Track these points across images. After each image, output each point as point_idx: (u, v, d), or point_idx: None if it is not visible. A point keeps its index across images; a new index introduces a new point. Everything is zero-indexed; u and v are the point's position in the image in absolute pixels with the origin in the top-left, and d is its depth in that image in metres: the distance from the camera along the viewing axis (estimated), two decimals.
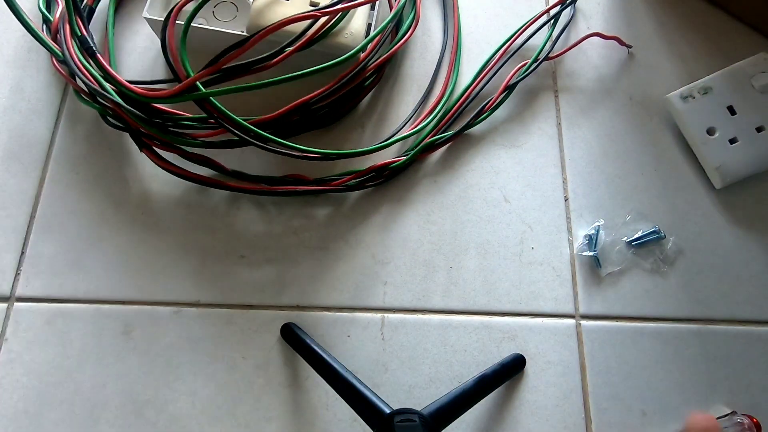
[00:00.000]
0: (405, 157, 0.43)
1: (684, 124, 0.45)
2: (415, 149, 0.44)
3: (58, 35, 0.41)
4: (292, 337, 0.39)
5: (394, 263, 0.42)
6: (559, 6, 0.49)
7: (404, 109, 0.47)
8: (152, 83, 0.44)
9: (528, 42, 0.48)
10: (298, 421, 0.38)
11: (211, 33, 0.43)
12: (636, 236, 0.43)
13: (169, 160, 0.41)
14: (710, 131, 0.44)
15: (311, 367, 0.38)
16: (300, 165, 0.43)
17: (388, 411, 0.34)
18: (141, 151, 0.41)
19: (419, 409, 0.35)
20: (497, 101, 0.46)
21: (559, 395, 0.40)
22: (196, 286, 0.41)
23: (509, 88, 0.46)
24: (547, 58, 0.47)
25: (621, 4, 0.50)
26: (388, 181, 0.44)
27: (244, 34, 0.42)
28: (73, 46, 0.40)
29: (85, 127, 0.45)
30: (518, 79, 0.46)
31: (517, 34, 0.48)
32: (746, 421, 0.38)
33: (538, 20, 0.49)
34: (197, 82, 0.38)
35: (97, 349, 0.39)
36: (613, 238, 0.43)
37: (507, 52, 0.48)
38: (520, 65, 0.47)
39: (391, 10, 0.46)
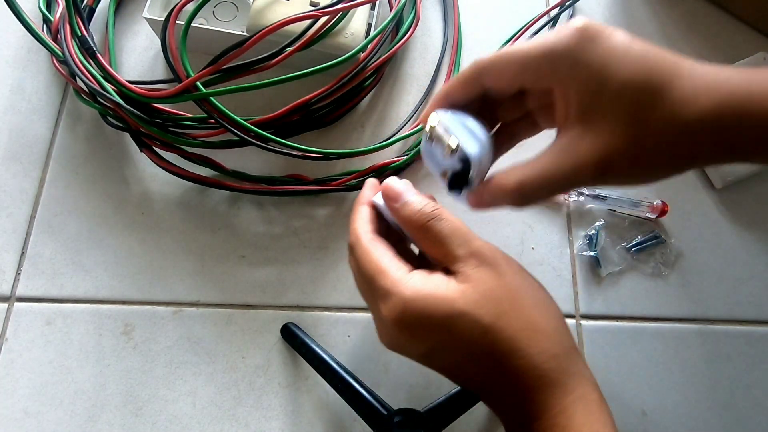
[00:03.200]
0: (405, 157, 0.43)
1: None
2: (416, 149, 0.44)
3: (59, 35, 0.41)
4: (292, 337, 0.39)
5: None
6: (559, 7, 0.49)
7: (404, 109, 0.47)
8: (152, 83, 0.44)
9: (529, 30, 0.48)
10: (298, 421, 0.38)
11: (211, 33, 0.43)
12: (636, 240, 0.43)
13: (169, 160, 0.41)
14: None
15: (311, 367, 0.38)
16: (300, 165, 0.43)
17: (387, 411, 0.34)
18: (141, 151, 0.41)
19: (419, 409, 0.35)
20: None
21: None
22: (196, 286, 0.41)
23: None
24: None
25: (621, 3, 0.50)
26: None
27: (244, 34, 0.42)
28: (73, 46, 0.40)
29: (85, 127, 0.45)
30: None
31: (517, 36, 0.48)
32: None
33: (538, 21, 0.49)
34: (197, 82, 0.38)
35: (97, 349, 0.39)
36: (613, 238, 0.43)
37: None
38: None
39: (391, 10, 0.46)
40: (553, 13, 0.49)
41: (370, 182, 0.32)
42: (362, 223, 0.29)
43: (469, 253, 0.27)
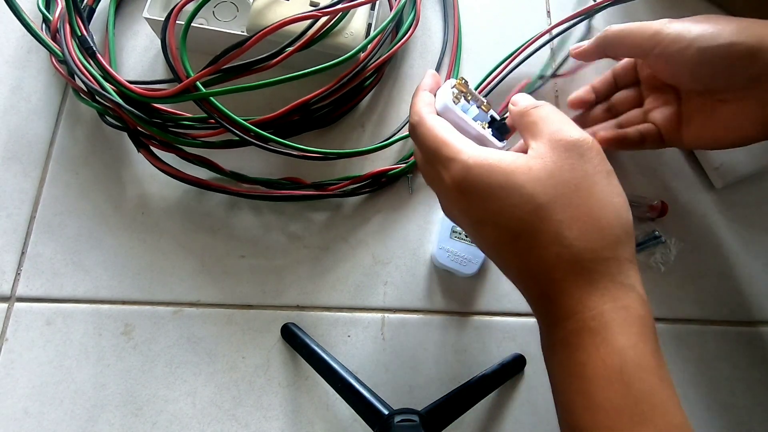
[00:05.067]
0: (405, 165, 0.43)
1: None
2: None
3: (58, 35, 0.41)
4: (292, 337, 0.39)
5: (394, 263, 0.42)
6: (565, 24, 0.48)
7: (404, 109, 0.47)
8: (152, 83, 0.44)
9: (531, 47, 0.48)
10: (298, 421, 0.38)
11: (211, 33, 0.43)
12: (636, 240, 0.43)
13: (168, 161, 0.41)
14: None
15: (311, 367, 0.38)
16: (300, 165, 0.43)
17: (387, 411, 0.34)
18: (138, 151, 0.41)
19: (419, 409, 0.35)
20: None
21: None
22: (196, 286, 0.41)
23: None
24: (554, 75, 0.47)
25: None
26: (388, 185, 0.44)
27: (244, 34, 0.42)
28: (73, 46, 0.40)
29: (85, 127, 0.45)
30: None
31: (521, 50, 0.47)
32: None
33: (541, 38, 0.47)
34: (197, 82, 0.38)
35: (97, 349, 0.39)
36: None
37: (511, 63, 0.47)
38: (523, 83, 0.45)
39: (391, 10, 0.46)
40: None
41: (432, 72, 0.33)
42: (424, 105, 0.30)
43: (552, 132, 0.26)
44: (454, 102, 0.31)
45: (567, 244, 0.24)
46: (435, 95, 0.32)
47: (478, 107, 0.32)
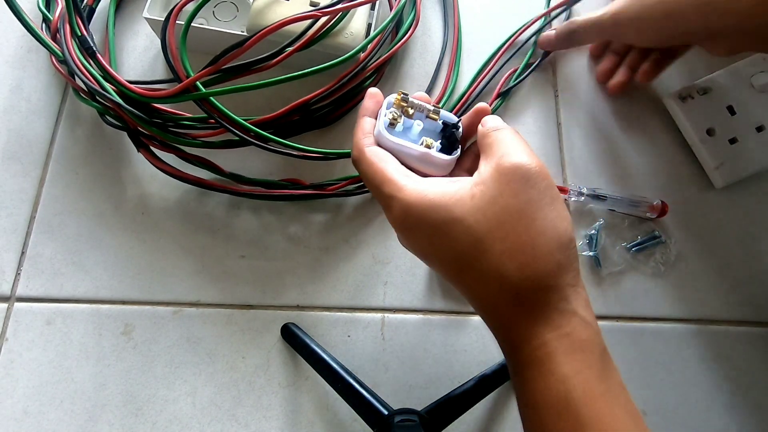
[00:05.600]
0: None
1: (683, 124, 0.45)
2: None
3: (58, 35, 0.41)
4: (292, 337, 0.39)
5: (394, 263, 0.42)
6: (558, 9, 0.49)
7: None
8: (152, 83, 0.44)
9: (527, 42, 0.48)
10: (298, 421, 0.38)
11: (211, 33, 0.43)
12: (636, 240, 0.43)
13: (168, 161, 0.41)
14: (710, 131, 0.44)
15: (311, 367, 0.38)
16: (300, 165, 0.43)
17: (387, 411, 0.34)
18: (138, 151, 0.41)
19: (419, 409, 0.35)
20: (491, 107, 0.46)
21: None
22: (196, 286, 0.41)
23: (501, 95, 0.46)
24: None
25: None
26: None
27: (244, 34, 0.42)
28: (73, 46, 0.40)
29: (85, 127, 0.45)
30: (509, 86, 0.46)
31: (514, 36, 0.48)
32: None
33: (537, 22, 0.49)
34: (197, 82, 0.38)
35: (97, 349, 0.39)
36: (613, 238, 0.43)
37: (506, 53, 0.48)
38: (510, 71, 0.47)
39: (391, 10, 0.46)
40: (553, 14, 0.49)
41: (372, 92, 0.31)
42: (363, 136, 0.30)
43: (501, 155, 0.26)
44: (391, 125, 0.29)
45: (508, 276, 0.24)
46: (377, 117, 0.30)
47: (425, 117, 0.30)
